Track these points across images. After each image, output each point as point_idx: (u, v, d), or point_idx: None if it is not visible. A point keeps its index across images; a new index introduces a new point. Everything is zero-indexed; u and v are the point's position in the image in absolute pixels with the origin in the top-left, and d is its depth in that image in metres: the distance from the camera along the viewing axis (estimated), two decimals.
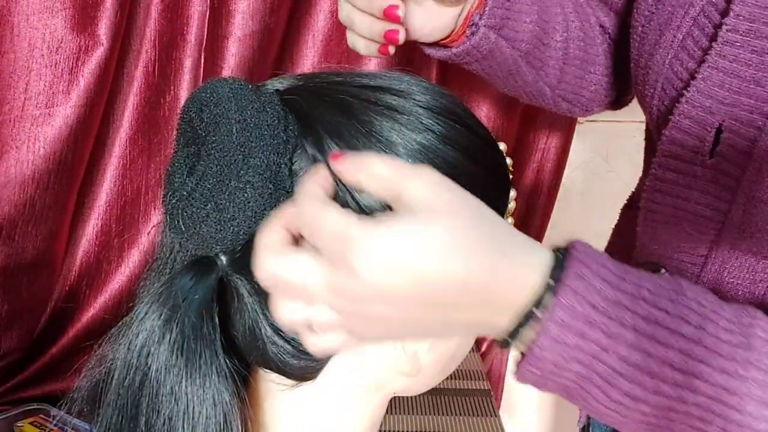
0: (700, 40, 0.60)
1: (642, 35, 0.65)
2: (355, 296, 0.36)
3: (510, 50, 0.70)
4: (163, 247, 0.49)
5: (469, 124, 0.47)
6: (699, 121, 0.59)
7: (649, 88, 0.64)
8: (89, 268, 1.11)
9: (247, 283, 0.45)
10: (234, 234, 0.42)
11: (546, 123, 1.25)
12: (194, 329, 0.43)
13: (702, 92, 0.58)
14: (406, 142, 0.43)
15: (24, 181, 1.00)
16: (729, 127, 0.58)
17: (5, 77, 0.96)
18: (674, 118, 0.60)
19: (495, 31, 0.67)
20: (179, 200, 0.43)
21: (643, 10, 0.66)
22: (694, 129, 0.59)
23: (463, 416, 1.11)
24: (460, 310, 0.38)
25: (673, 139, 0.60)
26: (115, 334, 0.47)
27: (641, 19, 0.66)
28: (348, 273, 0.36)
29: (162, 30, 1.01)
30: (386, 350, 0.46)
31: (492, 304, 0.38)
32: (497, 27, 0.67)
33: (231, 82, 0.44)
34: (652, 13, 0.64)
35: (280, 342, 0.45)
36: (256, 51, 1.05)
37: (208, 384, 0.44)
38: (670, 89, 0.62)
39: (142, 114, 1.05)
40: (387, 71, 0.48)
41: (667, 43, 0.62)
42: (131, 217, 1.11)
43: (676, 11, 0.62)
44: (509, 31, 0.68)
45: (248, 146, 0.41)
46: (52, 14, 0.95)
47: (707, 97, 0.58)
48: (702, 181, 0.59)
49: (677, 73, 0.61)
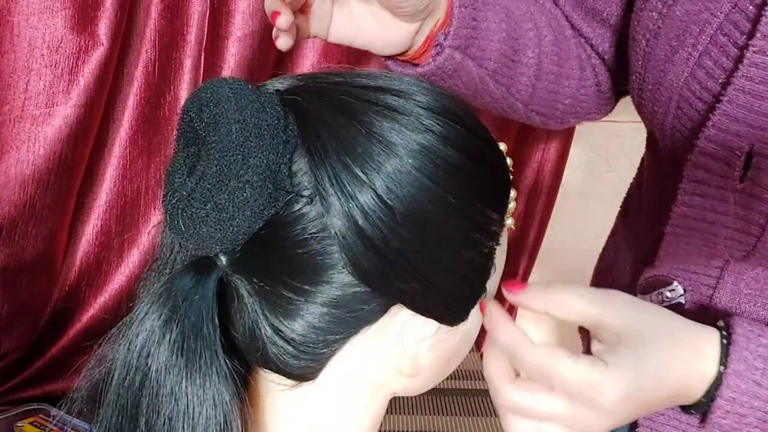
0: (719, 59, 0.57)
1: (647, 50, 0.63)
2: (595, 423, 0.47)
3: (477, 69, 0.67)
4: (163, 247, 0.49)
5: (470, 124, 0.47)
6: (727, 146, 0.57)
7: (661, 105, 0.62)
8: (89, 268, 1.11)
9: (247, 283, 0.44)
10: (234, 234, 0.42)
11: None
12: (194, 329, 0.43)
13: (729, 116, 0.56)
14: (406, 143, 0.43)
15: (24, 181, 1.00)
16: (760, 150, 0.55)
17: (5, 77, 0.97)
18: (700, 143, 0.58)
19: (460, 51, 0.65)
20: (179, 200, 0.43)
21: (646, 24, 0.63)
22: (721, 153, 0.57)
23: (463, 416, 1.11)
24: (664, 407, 0.52)
25: (700, 163, 0.59)
26: (115, 334, 0.47)
27: (645, 33, 0.63)
28: (592, 407, 0.47)
29: (162, 30, 1.01)
30: (386, 350, 0.46)
31: (690, 393, 0.50)
32: (463, 47, 0.65)
33: (231, 82, 0.44)
34: (658, 28, 0.62)
35: (280, 342, 0.45)
36: (256, 51, 1.05)
37: (208, 384, 0.44)
38: (688, 108, 0.60)
39: (142, 114, 1.05)
40: (387, 71, 0.48)
41: (682, 61, 0.59)
42: (131, 217, 1.11)
43: (690, 28, 0.59)
44: (476, 50, 0.66)
45: (248, 146, 0.41)
46: (52, 14, 0.95)
47: (735, 120, 0.56)
48: (732, 206, 0.58)
49: (695, 92, 0.59)
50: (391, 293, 0.45)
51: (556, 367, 0.47)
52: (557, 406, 0.47)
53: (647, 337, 0.48)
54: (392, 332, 0.46)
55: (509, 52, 0.68)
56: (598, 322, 0.49)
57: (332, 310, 0.44)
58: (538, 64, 0.71)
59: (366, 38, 0.63)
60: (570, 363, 0.47)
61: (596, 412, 0.47)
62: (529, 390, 0.48)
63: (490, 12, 0.66)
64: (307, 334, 0.45)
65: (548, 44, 0.72)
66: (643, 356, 0.47)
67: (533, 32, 0.70)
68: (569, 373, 0.46)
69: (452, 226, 0.45)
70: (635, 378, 0.47)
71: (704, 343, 0.50)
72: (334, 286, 0.43)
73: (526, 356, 0.48)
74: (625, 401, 0.47)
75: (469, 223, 0.45)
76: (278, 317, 0.44)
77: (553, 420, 0.48)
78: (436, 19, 0.64)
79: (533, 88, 0.72)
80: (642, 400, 0.48)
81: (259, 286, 0.44)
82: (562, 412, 0.47)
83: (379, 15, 0.62)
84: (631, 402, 0.47)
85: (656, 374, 0.48)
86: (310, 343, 0.45)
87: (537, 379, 0.48)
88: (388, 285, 0.44)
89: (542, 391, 0.48)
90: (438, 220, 0.44)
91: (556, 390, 0.47)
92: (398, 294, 0.45)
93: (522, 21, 0.70)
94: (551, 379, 0.47)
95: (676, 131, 0.62)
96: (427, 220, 0.43)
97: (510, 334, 0.48)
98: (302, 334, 0.45)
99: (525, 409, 0.48)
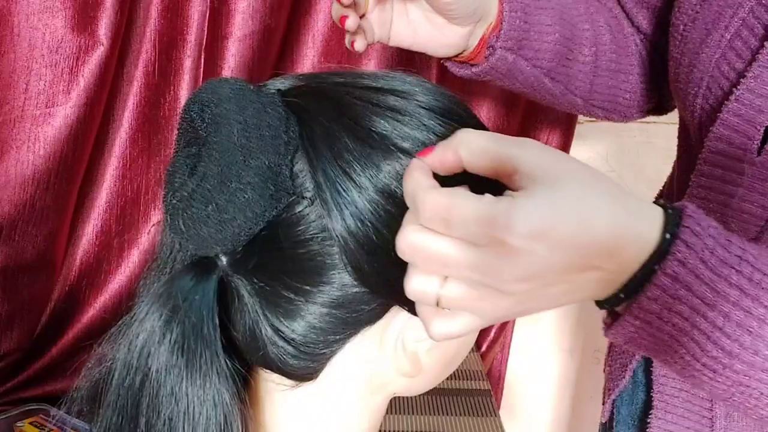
0: (749, 40, 0.60)
1: (684, 34, 0.66)
2: (501, 271, 0.37)
3: (531, 68, 0.71)
4: (164, 247, 0.49)
5: (471, 124, 0.47)
6: (748, 119, 0.60)
7: (693, 86, 0.64)
8: (89, 268, 1.11)
9: (247, 283, 0.44)
10: (234, 235, 0.42)
11: (546, 123, 1.25)
12: (194, 330, 0.43)
13: (752, 90, 0.59)
14: (408, 144, 0.43)
15: (24, 181, 1.00)
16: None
17: (5, 77, 0.96)
18: (722, 116, 0.61)
19: (513, 52, 0.69)
20: (180, 201, 0.43)
21: (686, 9, 0.66)
22: (742, 127, 0.60)
23: (463, 416, 1.11)
24: (595, 269, 0.39)
25: (721, 136, 0.61)
26: (115, 334, 0.47)
27: (684, 18, 0.66)
28: (498, 250, 0.37)
29: (162, 30, 1.01)
30: (387, 351, 0.46)
31: (620, 259, 0.39)
32: (515, 48, 0.69)
33: (232, 83, 0.44)
34: (696, 13, 0.65)
35: (280, 342, 0.45)
36: (256, 51, 1.05)
37: (208, 384, 0.44)
38: (715, 88, 0.62)
39: (142, 114, 1.05)
40: (389, 72, 0.48)
41: (715, 43, 0.62)
42: (131, 217, 1.11)
43: (724, 11, 0.62)
44: (528, 51, 0.69)
45: (249, 147, 0.41)
46: (52, 14, 0.95)
47: (757, 95, 0.59)
48: (749, 178, 0.60)
49: (724, 73, 0.62)
50: (390, 294, 0.45)
51: (454, 205, 0.37)
52: (457, 250, 0.37)
53: (568, 178, 0.38)
54: (392, 333, 0.46)
55: (564, 51, 0.72)
56: (514, 164, 0.38)
57: (333, 311, 0.44)
58: (595, 61, 0.75)
59: (423, 41, 0.68)
60: (471, 197, 0.37)
61: (504, 257, 0.37)
62: (426, 232, 0.38)
63: (542, 15, 0.70)
64: (307, 335, 0.45)
65: (606, 42, 0.75)
66: (561, 190, 0.37)
67: (590, 32, 0.74)
68: (469, 210, 0.37)
69: None
70: (549, 208, 0.37)
71: (645, 205, 0.41)
72: (334, 287, 0.43)
73: (424, 198, 0.38)
74: (537, 238, 0.36)
75: None
76: (279, 317, 0.44)
77: (455, 272, 0.38)
78: (488, 23, 0.68)
79: (591, 84, 0.76)
80: (562, 243, 0.37)
81: (259, 286, 0.44)
82: (460, 255, 0.37)
83: (434, 20, 0.67)
84: (547, 241, 0.36)
85: (576, 212, 0.37)
86: (311, 344, 0.45)
87: (436, 226, 0.38)
88: (388, 286, 0.44)
89: (441, 235, 0.38)
90: None
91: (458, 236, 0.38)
92: (397, 295, 0.45)
93: (578, 22, 0.73)
94: (450, 221, 0.37)
95: (704, 111, 0.64)
96: None
97: (413, 180, 0.39)
98: (302, 334, 0.45)
99: (422, 256, 0.38)
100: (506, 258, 0.37)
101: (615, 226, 0.38)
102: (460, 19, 0.66)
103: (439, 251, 0.38)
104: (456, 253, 0.38)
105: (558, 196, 0.37)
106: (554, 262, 0.37)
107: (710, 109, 0.63)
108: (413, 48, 0.69)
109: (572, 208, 0.37)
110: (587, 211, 0.37)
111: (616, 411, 0.81)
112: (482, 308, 0.39)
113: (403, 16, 0.68)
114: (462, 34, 0.68)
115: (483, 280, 0.38)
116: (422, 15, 0.67)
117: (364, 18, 0.66)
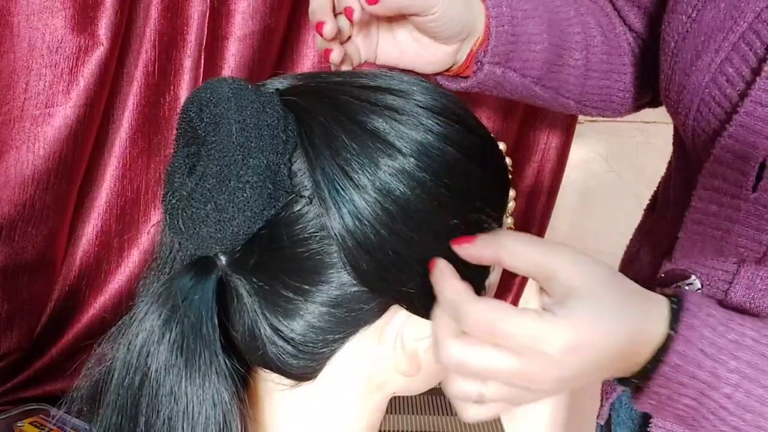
0: (740, 67, 0.58)
1: (675, 52, 0.64)
2: (539, 378, 0.43)
3: (520, 79, 0.70)
4: (163, 246, 0.49)
5: (469, 124, 0.47)
6: (742, 156, 0.58)
7: (683, 107, 0.63)
8: (89, 268, 1.11)
9: (246, 283, 0.45)
10: (233, 234, 0.42)
11: (546, 123, 1.25)
12: (194, 329, 0.43)
13: (746, 127, 0.57)
14: (405, 143, 0.43)
15: (24, 181, 1.00)
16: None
17: (5, 77, 0.96)
18: (716, 152, 0.59)
19: (500, 66, 0.68)
20: (179, 200, 0.43)
21: (676, 27, 0.65)
22: (737, 164, 0.58)
23: None
24: (613, 369, 0.47)
25: (715, 172, 0.60)
26: (115, 333, 0.47)
27: (675, 35, 0.65)
28: (537, 360, 0.43)
29: (162, 30, 1.01)
30: (386, 350, 0.46)
31: (636, 358, 0.47)
32: (503, 62, 0.68)
33: (231, 82, 0.44)
34: (686, 32, 0.63)
35: (279, 342, 0.45)
36: (256, 51, 1.05)
37: (207, 384, 0.44)
38: (707, 113, 0.61)
39: (142, 114, 1.05)
40: (387, 71, 0.48)
41: (704, 66, 0.60)
42: (131, 217, 1.11)
43: (714, 34, 0.60)
44: (517, 62, 0.69)
45: (248, 146, 0.41)
46: (52, 14, 0.95)
47: (751, 132, 0.57)
48: (744, 214, 0.59)
49: (715, 98, 0.60)
50: (389, 293, 0.45)
51: (499, 320, 0.42)
52: (500, 360, 0.43)
53: (601, 290, 0.44)
54: (391, 332, 0.46)
55: (553, 58, 0.72)
56: (552, 273, 0.44)
57: (331, 310, 0.44)
58: (586, 64, 0.74)
59: (410, 59, 0.68)
60: (514, 314, 0.43)
61: (543, 366, 0.43)
62: (471, 344, 0.43)
63: (530, 24, 0.69)
64: (306, 334, 0.45)
65: (598, 44, 0.75)
66: (596, 306, 0.44)
67: (580, 35, 0.74)
68: (514, 325, 0.42)
69: (451, 226, 0.45)
70: (585, 327, 0.43)
71: (653, 305, 0.48)
72: (333, 286, 0.44)
73: (468, 310, 0.43)
74: (573, 352, 0.43)
75: (468, 223, 0.45)
76: (278, 317, 0.44)
77: (497, 377, 0.44)
78: (475, 38, 0.68)
79: (582, 86, 0.76)
80: (592, 354, 0.44)
81: (258, 285, 0.44)
82: (505, 367, 0.43)
83: (421, 40, 0.66)
84: (580, 354, 0.43)
85: (607, 326, 0.44)
86: (310, 343, 0.45)
87: (480, 335, 0.43)
88: (386, 285, 0.44)
89: (485, 346, 0.43)
90: (437, 220, 0.44)
91: (501, 346, 0.43)
92: (396, 294, 0.45)
93: (567, 26, 0.73)
94: (494, 333, 0.43)
95: (696, 134, 0.63)
96: (426, 221, 0.43)
97: (453, 290, 0.43)
98: (302, 333, 0.45)
99: (466, 365, 0.43)
100: (544, 367, 0.43)
101: (631, 332, 0.45)
102: (447, 39, 0.65)
103: (484, 364, 0.43)
104: (499, 364, 0.43)
105: (592, 312, 0.44)
106: (584, 368, 0.44)
107: (705, 136, 0.62)
108: (400, 66, 0.68)
109: (604, 322, 0.44)
110: (611, 328, 0.44)
111: (614, 413, 0.81)
112: (515, 401, 0.46)
113: (390, 38, 0.67)
114: (449, 51, 0.67)
115: (521, 384, 0.44)
116: (408, 35, 0.67)
117: (350, 41, 0.65)
